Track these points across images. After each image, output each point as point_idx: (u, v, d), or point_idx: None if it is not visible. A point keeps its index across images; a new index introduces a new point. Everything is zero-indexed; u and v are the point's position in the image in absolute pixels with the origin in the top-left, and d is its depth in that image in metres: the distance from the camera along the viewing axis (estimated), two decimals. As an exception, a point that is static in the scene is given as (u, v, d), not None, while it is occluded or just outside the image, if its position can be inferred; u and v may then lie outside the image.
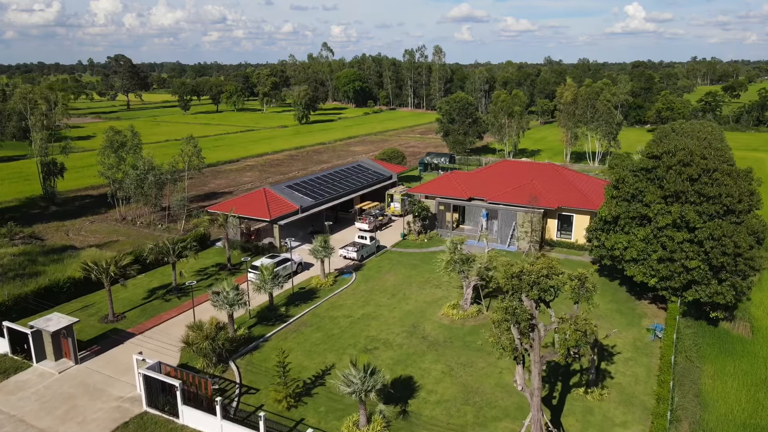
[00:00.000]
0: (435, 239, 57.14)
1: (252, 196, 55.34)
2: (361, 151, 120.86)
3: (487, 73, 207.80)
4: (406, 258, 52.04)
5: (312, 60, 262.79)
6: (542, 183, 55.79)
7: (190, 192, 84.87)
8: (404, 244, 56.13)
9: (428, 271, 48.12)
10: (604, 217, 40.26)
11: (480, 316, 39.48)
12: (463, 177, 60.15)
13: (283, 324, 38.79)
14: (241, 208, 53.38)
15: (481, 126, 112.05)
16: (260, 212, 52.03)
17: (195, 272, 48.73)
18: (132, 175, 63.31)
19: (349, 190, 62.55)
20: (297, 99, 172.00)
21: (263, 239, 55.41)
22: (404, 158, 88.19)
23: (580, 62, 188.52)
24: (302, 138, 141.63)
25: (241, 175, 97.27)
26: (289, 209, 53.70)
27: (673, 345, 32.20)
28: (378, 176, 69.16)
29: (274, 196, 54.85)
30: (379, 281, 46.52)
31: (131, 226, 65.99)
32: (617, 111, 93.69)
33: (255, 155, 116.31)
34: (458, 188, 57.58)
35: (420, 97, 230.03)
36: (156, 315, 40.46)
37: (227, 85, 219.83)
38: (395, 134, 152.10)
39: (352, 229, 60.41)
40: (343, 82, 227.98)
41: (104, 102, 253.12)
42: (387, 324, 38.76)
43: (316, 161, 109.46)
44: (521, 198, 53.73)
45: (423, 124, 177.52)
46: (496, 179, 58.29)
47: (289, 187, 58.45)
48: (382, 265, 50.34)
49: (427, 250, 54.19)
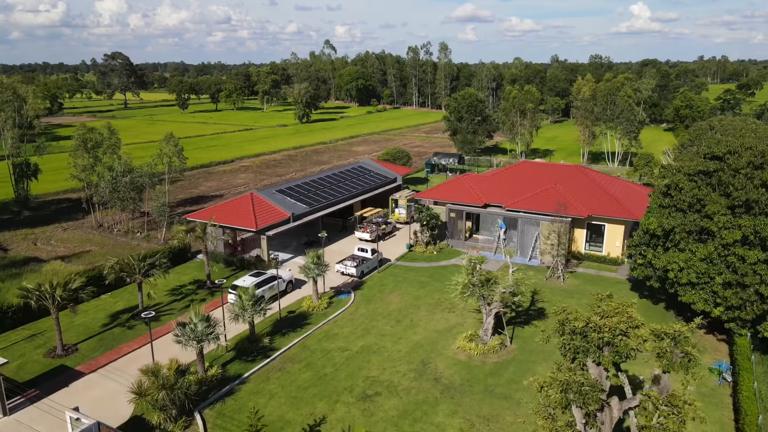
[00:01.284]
0: (446, 251, 50.40)
1: (237, 202, 48.72)
2: (363, 151, 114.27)
3: (495, 70, 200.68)
4: (413, 274, 45.32)
5: (314, 58, 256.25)
6: (568, 187, 48.99)
7: (177, 195, 78.58)
8: (410, 256, 49.40)
9: (439, 291, 41.42)
10: (653, 230, 33.43)
11: (503, 350, 32.70)
12: (477, 180, 53.40)
13: (265, 360, 32.13)
14: (224, 216, 46.78)
15: (491, 124, 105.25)
16: (245, 221, 45.41)
17: (169, 291, 42.14)
18: (106, 178, 56.82)
19: (349, 195, 55.87)
20: (297, 97, 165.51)
21: (250, 251, 48.80)
22: (410, 159, 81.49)
23: (593, 59, 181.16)
24: (302, 137, 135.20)
25: (235, 176, 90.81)
26: (279, 217, 47.06)
27: (756, 398, 25.35)
28: (381, 179, 62.48)
29: (262, 203, 48.21)
30: (381, 303, 39.81)
31: (108, 234, 59.54)
32: (639, 108, 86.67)
33: (251, 155, 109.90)
34: (472, 193, 50.84)
35: (425, 95, 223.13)
36: (115, 347, 33.84)
37: (227, 83, 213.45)
38: (399, 133, 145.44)
39: (352, 239, 53.73)
40: (346, 81, 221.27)
41: (102, 101, 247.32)
42: (391, 360, 32.06)
43: (316, 162, 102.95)
44: (545, 204, 46.95)
45: (428, 123, 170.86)
46: (515, 183, 51.51)
47: (280, 191, 51.80)
48: (385, 282, 43.64)
49: (436, 264, 47.44)
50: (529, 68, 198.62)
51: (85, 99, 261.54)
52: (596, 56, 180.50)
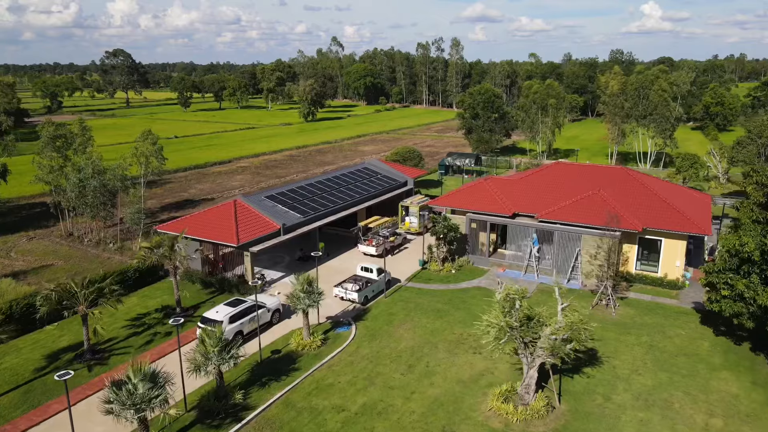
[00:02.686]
0: (466, 269, 42.38)
1: (218, 211, 40.93)
2: (370, 150, 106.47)
3: (509, 67, 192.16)
4: (428, 299, 37.35)
5: (321, 55, 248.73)
6: (613, 193, 40.83)
7: (164, 199, 71.15)
8: (424, 276, 41.44)
9: (461, 322, 33.47)
10: (747, 254, 25.25)
11: (551, 414, 24.65)
12: (502, 185, 45.33)
13: (236, 425, 24.32)
14: (201, 228, 39.07)
15: (508, 122, 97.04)
16: (225, 234, 37.65)
17: (130, 321, 34.45)
18: (72, 180, 49.38)
19: (351, 201, 48.01)
20: (303, 94, 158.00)
21: (234, 269, 41.07)
22: (421, 159, 73.43)
23: (614, 54, 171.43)
24: (306, 136, 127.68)
25: (231, 178, 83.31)
26: (267, 229, 39.26)
27: None
28: (389, 182, 54.58)
29: (247, 212, 40.43)
30: (389, 339, 31.90)
31: (78, 245, 52.10)
32: (676, 104, 78.07)
33: (251, 155, 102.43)
34: (497, 200, 42.81)
35: (435, 93, 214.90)
36: (45, 403, 26.19)
37: (230, 80, 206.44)
38: (409, 132, 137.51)
39: (354, 254, 45.87)
40: (354, 78, 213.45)
41: (105, 100, 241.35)
42: (402, 428, 24.12)
43: (319, 162, 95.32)
44: (587, 214, 38.86)
45: (439, 121, 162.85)
46: (548, 188, 43.43)
47: (270, 197, 44.02)
48: (394, 310, 35.70)
49: (455, 286, 39.44)
50: (544, 65, 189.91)
51: (88, 98, 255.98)
52: (617, 51, 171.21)
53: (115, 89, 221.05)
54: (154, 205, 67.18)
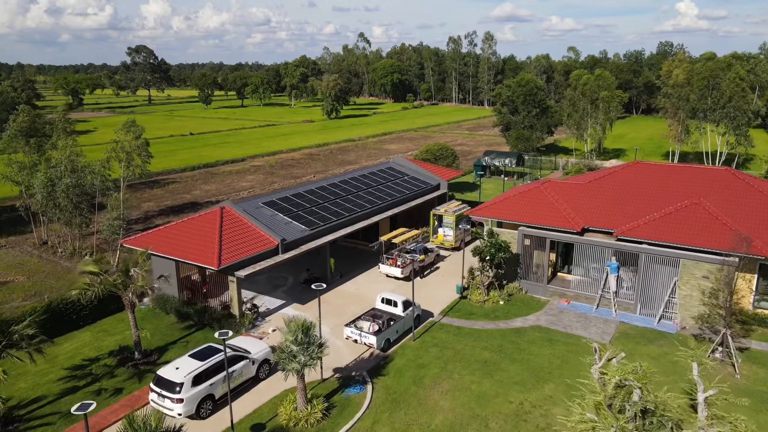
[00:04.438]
0: (517, 299, 32.73)
1: (201, 221, 32.05)
2: (396, 149, 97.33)
3: (545, 61, 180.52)
4: (471, 343, 27.89)
5: (347, 52, 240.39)
6: (718, 203, 30.71)
7: (163, 202, 63.12)
8: (465, 308, 31.94)
9: (519, 384, 23.98)
10: None
11: None
12: (565, 191, 35.51)
13: None
14: (176, 243, 30.35)
15: (551, 117, 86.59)
16: (204, 253, 28.80)
17: (71, 369, 25.89)
18: (40, 179, 41.35)
19: (372, 209, 38.81)
20: (326, 90, 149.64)
21: (223, 294, 32.24)
22: (456, 158, 63.62)
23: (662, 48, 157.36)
24: (328, 134, 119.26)
25: (241, 178, 75.14)
26: (261, 245, 30.33)
27: None
28: (418, 185, 45.24)
29: (237, 222, 31.55)
30: (418, 410, 22.58)
31: (50, 256, 44.26)
32: (754, 95, 66.69)
33: (267, 153, 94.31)
34: (560, 210, 33.08)
35: (465, 91, 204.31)
36: None
37: (252, 77, 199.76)
38: (439, 130, 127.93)
39: (375, 276, 36.67)
40: (380, 75, 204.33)
41: (128, 97, 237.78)
42: None
43: (341, 161, 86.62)
44: (686, 231, 28.89)
45: (471, 119, 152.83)
46: (628, 196, 33.49)
47: (269, 204, 35.07)
48: (425, 360, 26.37)
49: (507, 324, 29.85)
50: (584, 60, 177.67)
51: (112, 95, 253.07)
52: (666, 43, 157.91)
53: (137, 86, 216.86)
54: (151, 209, 59.31)
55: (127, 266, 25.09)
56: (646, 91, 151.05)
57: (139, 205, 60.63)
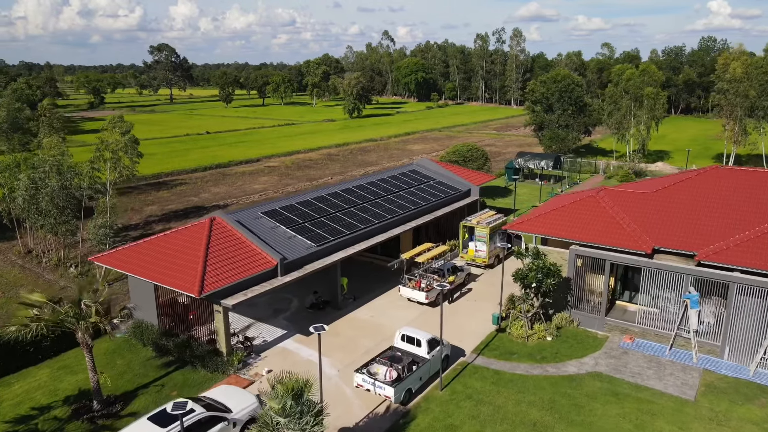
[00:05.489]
0: (568, 334, 26.70)
1: (187, 234, 26.77)
2: (420, 150, 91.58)
3: (576, 59, 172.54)
4: (513, 396, 22.00)
5: (370, 50, 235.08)
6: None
7: (167, 205, 58.41)
8: (504, 345, 26.04)
9: (581, 462, 18.08)
10: None
11: None
12: (624, 201, 29.33)
13: None
14: (154, 262, 25.13)
15: (589, 116, 79.81)
16: (183, 275, 23.48)
17: (10, 425, 20.84)
18: (23, 180, 36.75)
19: (392, 219, 33.15)
20: (347, 88, 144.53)
21: (212, 322, 26.90)
22: (487, 159, 57.28)
23: (704, 43, 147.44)
24: (349, 134, 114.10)
25: (254, 179, 70.31)
26: (256, 266, 24.90)
27: None
28: (445, 191, 39.42)
29: (228, 237, 26.21)
30: (449, 497, 16.87)
31: (35, 267, 39.75)
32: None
33: (283, 153, 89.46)
34: (621, 225, 26.97)
35: (492, 90, 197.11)
36: None
37: (273, 75, 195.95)
38: (465, 130, 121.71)
39: (395, 299, 31.02)
40: (404, 73, 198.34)
41: (151, 96, 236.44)
42: None
43: (360, 162, 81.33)
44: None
45: (498, 119, 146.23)
46: (708, 208, 27.21)
47: (270, 214, 29.67)
48: (455, 419, 20.59)
49: (558, 369, 23.87)
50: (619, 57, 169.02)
51: (135, 94, 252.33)
52: (709, 38, 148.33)
53: (158, 85, 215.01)
54: (153, 213, 54.73)
55: (81, 295, 19.94)
56: (686, 89, 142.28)
57: (141, 209, 56.18)
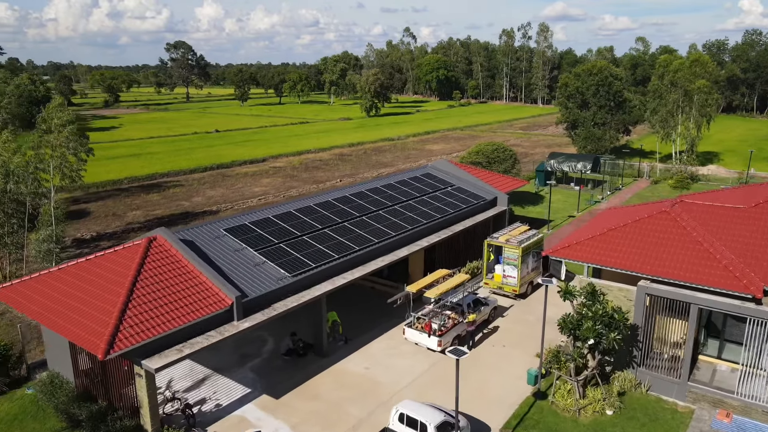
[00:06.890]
0: (635, 404, 19.21)
1: (115, 259, 20.06)
2: (440, 150, 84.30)
3: (608, 54, 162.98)
4: None
5: (391, 48, 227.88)
6: None
7: (153, 210, 52.19)
8: (543, 420, 18.69)
9: None
10: None
11: None
12: (709, 219, 21.68)
13: None
14: (64, 300, 18.41)
15: (629, 113, 71.53)
16: (90, 324, 16.67)
17: None
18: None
19: (398, 236, 25.98)
20: (365, 85, 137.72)
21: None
22: (516, 161, 49.45)
23: (748, 36, 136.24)
24: (365, 133, 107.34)
25: (256, 181, 63.89)
26: (202, 308, 18.01)
27: None
28: (466, 198, 32.10)
29: (169, 265, 19.35)
30: None
31: (-20, 285, 33.53)
32: None
33: (292, 153, 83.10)
34: (710, 255, 19.45)
35: (517, 88, 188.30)
36: None
37: (290, 73, 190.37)
38: (488, 129, 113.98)
39: (398, 342, 23.86)
40: (426, 71, 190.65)
41: (168, 95, 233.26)
42: None
43: (374, 163, 74.52)
44: None
45: (524, 118, 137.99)
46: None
47: (234, 231, 22.75)
48: None
49: (627, 468, 16.53)
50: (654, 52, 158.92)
51: (153, 93, 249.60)
52: (754, 31, 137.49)
53: (174, 83, 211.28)
54: (136, 219, 48.71)
55: None
56: (729, 86, 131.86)
57: (123, 214, 50.19)
